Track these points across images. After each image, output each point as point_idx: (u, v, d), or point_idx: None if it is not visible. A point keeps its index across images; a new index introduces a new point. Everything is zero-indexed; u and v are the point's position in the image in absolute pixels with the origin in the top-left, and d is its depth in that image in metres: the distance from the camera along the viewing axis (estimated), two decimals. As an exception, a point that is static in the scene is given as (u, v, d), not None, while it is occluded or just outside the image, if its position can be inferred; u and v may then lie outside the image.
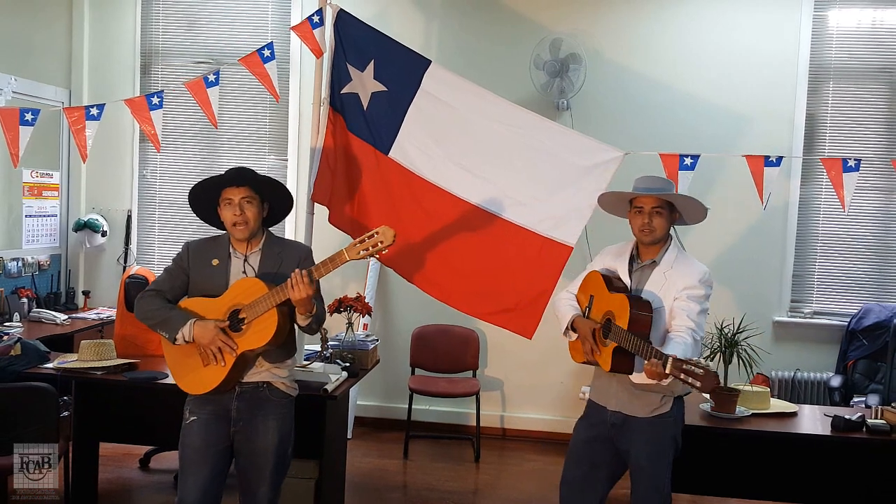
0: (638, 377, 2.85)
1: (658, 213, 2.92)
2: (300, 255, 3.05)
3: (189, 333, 2.87)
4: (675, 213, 3.00)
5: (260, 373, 2.97)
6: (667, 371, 2.57)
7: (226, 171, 2.98)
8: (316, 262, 2.93)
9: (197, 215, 3.11)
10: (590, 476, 3.03)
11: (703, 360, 2.68)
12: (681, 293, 2.86)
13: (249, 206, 2.94)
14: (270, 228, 3.13)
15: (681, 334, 2.80)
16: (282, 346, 2.96)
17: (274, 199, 3.07)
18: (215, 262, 2.99)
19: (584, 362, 3.04)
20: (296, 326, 2.99)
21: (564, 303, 3.12)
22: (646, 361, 2.66)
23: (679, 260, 2.98)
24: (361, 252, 2.78)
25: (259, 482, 2.96)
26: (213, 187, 2.99)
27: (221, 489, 2.99)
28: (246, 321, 2.86)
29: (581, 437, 3.08)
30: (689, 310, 2.84)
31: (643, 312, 2.79)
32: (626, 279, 2.98)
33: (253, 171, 3.00)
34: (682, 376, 2.53)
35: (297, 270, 2.80)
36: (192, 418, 2.96)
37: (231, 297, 2.91)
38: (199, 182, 3.02)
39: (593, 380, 3.12)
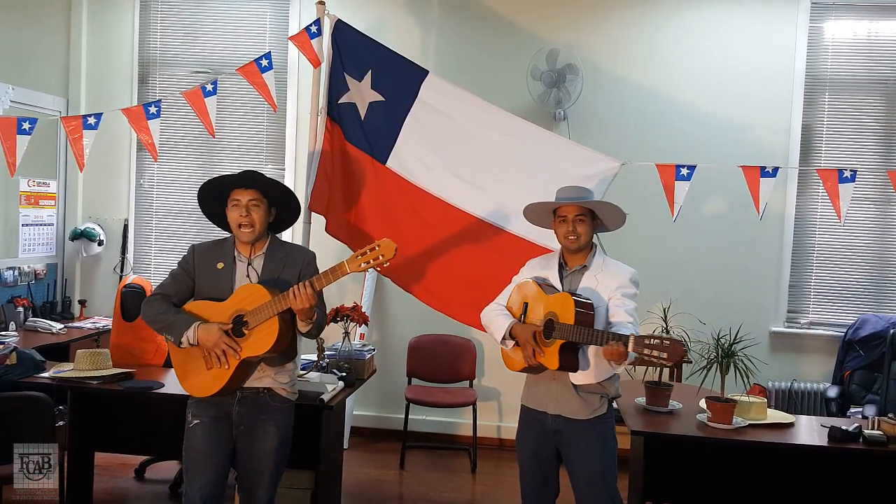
0: (579, 377, 2.97)
1: (581, 220, 3.03)
2: (303, 259, 3.09)
3: (193, 336, 2.91)
4: (596, 220, 3.09)
5: (262, 378, 3.02)
6: (629, 349, 2.68)
7: (238, 173, 3.03)
8: (318, 269, 3.01)
9: (205, 214, 3.16)
10: (544, 481, 3.15)
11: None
12: (614, 292, 2.99)
13: (256, 209, 2.98)
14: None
15: (625, 325, 2.90)
16: (284, 352, 2.99)
17: (282, 205, 3.10)
18: (220, 265, 3.02)
19: (522, 370, 3.07)
20: (297, 332, 3.02)
21: (496, 314, 3.15)
22: (604, 346, 2.74)
23: (607, 263, 3.09)
24: (362, 265, 2.81)
25: (258, 484, 3.03)
26: (221, 187, 3.04)
27: (224, 490, 3.05)
28: (249, 327, 2.90)
29: (527, 452, 3.16)
30: (626, 305, 2.96)
31: (586, 307, 2.89)
32: (557, 285, 3.07)
33: (262, 174, 3.02)
34: (646, 351, 2.63)
35: (299, 283, 2.85)
36: (195, 422, 3.01)
37: (235, 302, 2.94)
38: (209, 180, 3.07)
39: (527, 387, 3.19)
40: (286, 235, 5.74)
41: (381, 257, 2.78)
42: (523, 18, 5.60)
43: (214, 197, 3.08)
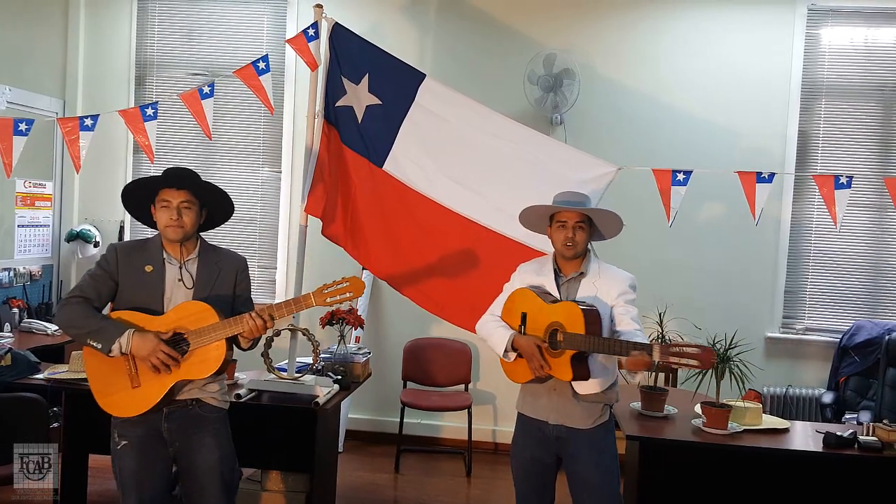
0: (584, 387, 2.92)
1: (580, 227, 2.98)
2: (237, 267, 2.93)
3: (127, 344, 2.68)
4: (593, 227, 3.05)
5: (189, 390, 2.83)
6: (655, 358, 2.63)
7: (165, 171, 2.80)
8: (249, 276, 2.97)
9: (128, 211, 2.95)
10: (542, 489, 3.10)
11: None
12: (617, 300, 2.95)
13: (188, 211, 2.79)
14: (275, 235, 3.07)
15: (634, 333, 2.86)
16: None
17: (213, 207, 2.92)
18: (148, 268, 2.80)
19: (528, 381, 3.01)
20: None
21: (494, 325, 3.07)
22: (626, 356, 2.69)
23: (604, 269, 3.04)
24: (328, 300, 2.72)
25: (208, 501, 2.84)
26: (150, 186, 2.83)
27: None
28: (190, 348, 2.73)
29: (525, 459, 3.10)
30: (630, 313, 2.93)
31: (593, 315, 2.84)
32: (554, 293, 3.01)
33: (195, 174, 2.83)
34: (674, 359, 2.60)
35: (256, 311, 2.73)
36: (123, 442, 2.81)
37: (175, 318, 2.75)
38: (136, 180, 2.89)
39: (524, 396, 3.11)
40: (282, 237, 5.75)
41: (349, 294, 2.71)
42: (520, 22, 5.61)
43: (142, 195, 2.86)
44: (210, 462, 2.82)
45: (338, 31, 4.05)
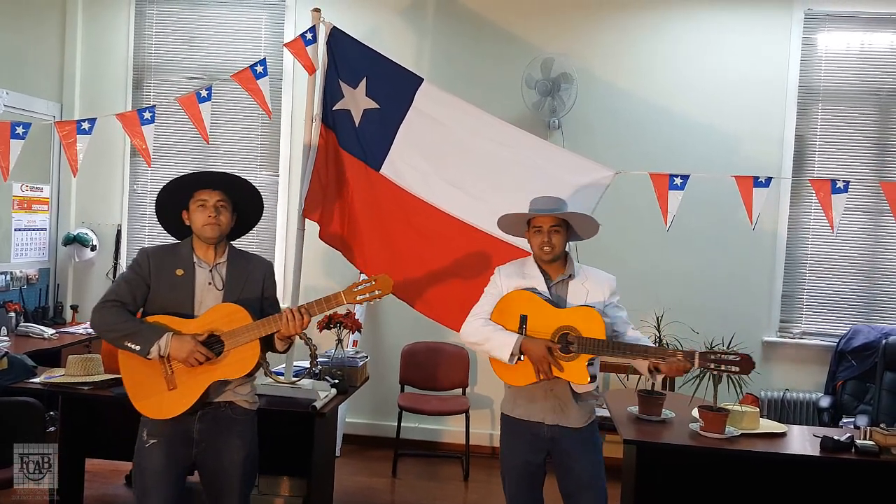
0: (583, 386, 2.97)
1: (556, 231, 3.03)
2: (265, 271, 3.02)
3: (166, 347, 2.74)
4: (570, 229, 3.10)
5: (223, 392, 2.89)
6: (696, 365, 2.77)
7: (198, 172, 2.92)
8: (275, 281, 3.05)
9: (159, 219, 2.99)
10: (533, 493, 3.13)
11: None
12: (610, 300, 3.05)
13: (224, 210, 2.88)
14: (272, 239, 3.14)
15: (638, 334, 3.02)
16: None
17: (244, 208, 3.00)
18: (179, 272, 2.87)
19: (530, 384, 2.99)
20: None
21: (490, 329, 3.03)
22: (663, 361, 2.82)
23: (589, 271, 3.12)
24: (358, 297, 2.84)
25: (229, 498, 2.91)
26: (186, 187, 2.89)
27: None
28: (225, 349, 2.80)
29: (518, 463, 3.11)
30: (624, 314, 3.06)
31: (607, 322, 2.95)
32: (547, 295, 3.04)
33: (229, 175, 2.95)
34: (713, 366, 2.78)
35: (293, 308, 2.81)
36: (151, 441, 2.84)
37: (209, 320, 2.82)
38: (172, 180, 2.91)
39: (515, 399, 3.11)
40: (279, 241, 5.75)
41: (377, 292, 2.84)
42: (518, 27, 5.62)
43: (175, 201, 2.92)
44: (235, 462, 2.89)
45: (335, 35, 4.06)
